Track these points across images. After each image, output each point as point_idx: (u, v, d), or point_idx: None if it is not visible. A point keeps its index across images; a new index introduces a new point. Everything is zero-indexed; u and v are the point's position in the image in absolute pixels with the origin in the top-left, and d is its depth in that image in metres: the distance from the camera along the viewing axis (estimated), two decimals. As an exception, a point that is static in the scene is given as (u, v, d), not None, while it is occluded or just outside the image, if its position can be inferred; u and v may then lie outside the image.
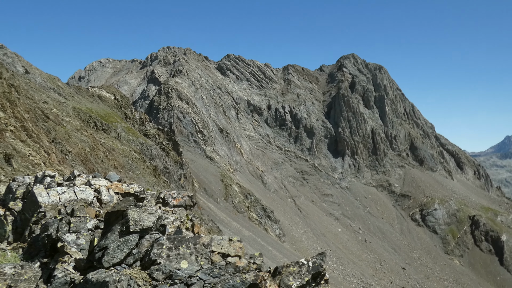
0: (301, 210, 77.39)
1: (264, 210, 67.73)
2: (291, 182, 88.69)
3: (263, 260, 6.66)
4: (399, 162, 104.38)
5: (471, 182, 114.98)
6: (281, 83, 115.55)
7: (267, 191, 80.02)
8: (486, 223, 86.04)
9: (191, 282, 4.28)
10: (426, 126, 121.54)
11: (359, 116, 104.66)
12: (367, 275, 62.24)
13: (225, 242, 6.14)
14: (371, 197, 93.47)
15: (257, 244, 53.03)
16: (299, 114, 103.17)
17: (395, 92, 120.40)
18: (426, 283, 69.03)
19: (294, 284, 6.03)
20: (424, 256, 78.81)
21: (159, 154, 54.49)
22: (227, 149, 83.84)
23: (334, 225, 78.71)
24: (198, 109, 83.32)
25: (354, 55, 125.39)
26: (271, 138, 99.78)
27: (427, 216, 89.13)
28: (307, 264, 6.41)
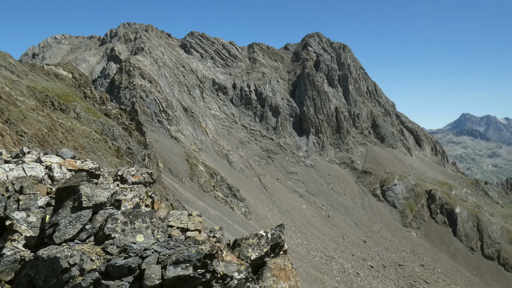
0: (267, 188, 78.42)
1: (230, 189, 68.04)
2: (256, 161, 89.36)
3: (223, 233, 6.71)
4: (362, 140, 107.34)
5: (429, 158, 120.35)
6: (246, 61, 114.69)
7: (233, 170, 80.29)
8: (442, 197, 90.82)
9: (146, 254, 4.28)
10: (388, 104, 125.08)
11: (323, 95, 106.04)
12: (330, 249, 64.46)
13: (184, 217, 6.13)
14: (334, 174, 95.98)
15: (223, 222, 53.45)
16: (265, 93, 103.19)
17: (358, 71, 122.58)
18: (385, 254, 72.50)
19: (253, 255, 6.15)
20: (384, 229, 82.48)
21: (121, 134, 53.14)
22: (192, 129, 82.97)
23: (299, 202, 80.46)
24: (161, 88, 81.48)
25: (319, 34, 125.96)
26: (236, 117, 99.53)
27: (387, 191, 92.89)
28: (266, 236, 6.55)
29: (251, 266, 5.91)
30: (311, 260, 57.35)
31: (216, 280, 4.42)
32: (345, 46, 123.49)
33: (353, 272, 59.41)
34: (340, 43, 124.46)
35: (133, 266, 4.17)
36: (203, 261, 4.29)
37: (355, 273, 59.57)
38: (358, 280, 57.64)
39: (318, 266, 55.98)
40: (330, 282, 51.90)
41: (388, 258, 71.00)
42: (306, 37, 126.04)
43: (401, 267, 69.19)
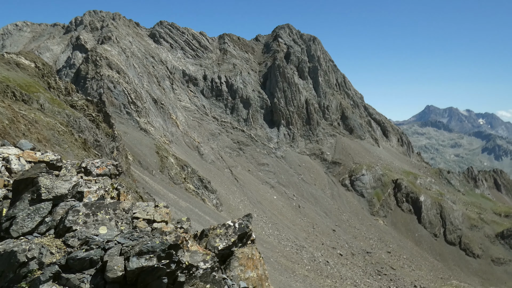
0: (238, 180, 78.53)
1: (201, 181, 67.68)
2: (227, 153, 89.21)
3: (190, 224, 6.66)
4: (331, 131, 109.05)
5: (395, 149, 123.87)
6: (217, 52, 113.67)
7: (204, 162, 79.85)
8: (407, 186, 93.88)
9: (109, 246, 4.19)
10: (356, 96, 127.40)
11: (294, 86, 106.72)
12: (300, 238, 65.49)
13: (150, 209, 6.05)
14: (304, 165, 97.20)
15: (195, 215, 53.20)
16: (235, 84, 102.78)
17: (328, 63, 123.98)
18: (354, 242, 74.42)
19: (220, 245, 6.15)
20: (352, 218, 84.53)
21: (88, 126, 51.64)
22: (162, 121, 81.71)
23: (270, 193, 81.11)
24: (130, 78, 79.60)
25: (290, 26, 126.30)
26: (207, 109, 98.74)
27: (356, 181, 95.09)
28: (233, 226, 6.55)
29: (219, 256, 5.91)
30: (282, 249, 58.11)
31: (181, 271, 4.38)
32: (315, 38, 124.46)
33: (323, 261, 60.67)
34: (310, 35, 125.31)
35: (95, 259, 4.07)
36: (167, 252, 4.24)
37: (325, 261, 60.86)
38: (328, 268, 58.95)
39: (289, 256, 56.82)
40: (301, 270, 52.82)
41: (356, 246, 72.91)
42: (277, 28, 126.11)
43: (369, 254, 71.24)
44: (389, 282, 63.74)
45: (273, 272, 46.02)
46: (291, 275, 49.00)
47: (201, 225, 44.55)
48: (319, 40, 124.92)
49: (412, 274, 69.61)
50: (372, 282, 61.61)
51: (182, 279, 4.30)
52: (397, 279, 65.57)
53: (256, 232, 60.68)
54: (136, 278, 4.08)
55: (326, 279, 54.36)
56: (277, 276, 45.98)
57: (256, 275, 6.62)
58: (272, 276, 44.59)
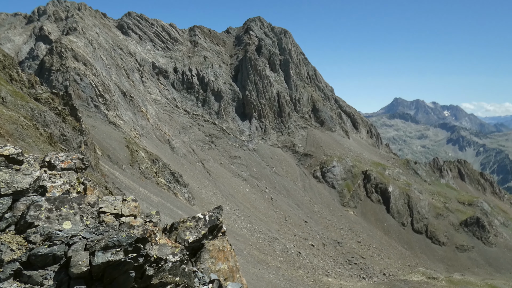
0: (210, 173, 78.20)
1: (172, 174, 66.95)
2: (199, 146, 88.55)
3: (160, 218, 6.57)
4: (302, 123, 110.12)
5: (365, 141, 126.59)
6: (188, 45, 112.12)
7: (176, 156, 78.97)
8: (376, 177, 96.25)
9: (73, 241, 4.05)
10: (327, 89, 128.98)
11: (265, 79, 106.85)
12: (273, 230, 66.09)
13: (118, 203, 5.91)
14: (276, 157, 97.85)
15: (167, 209, 52.66)
16: (207, 77, 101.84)
17: (299, 56, 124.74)
18: (325, 233, 75.81)
19: (190, 238, 6.09)
20: (324, 209, 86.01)
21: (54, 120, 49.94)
22: (132, 114, 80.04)
23: (242, 185, 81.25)
24: (97, 71, 77.36)
25: (261, 18, 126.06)
26: (178, 102, 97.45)
27: (327, 173, 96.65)
28: (203, 218, 6.50)
29: (189, 249, 5.85)
30: (255, 242, 58.48)
31: (149, 264, 4.31)
32: (286, 31, 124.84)
33: (295, 252, 61.51)
34: (281, 28, 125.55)
35: (59, 254, 3.93)
36: (134, 246, 4.15)
37: (297, 252, 61.72)
38: (300, 259, 59.84)
39: (262, 248, 57.25)
40: (274, 262, 53.36)
41: (327, 237, 74.29)
42: (248, 21, 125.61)
43: (340, 244, 72.78)
44: (359, 271, 65.41)
45: (246, 265, 46.28)
46: (264, 267, 49.43)
47: (173, 220, 44.08)
48: (290, 33, 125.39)
49: (381, 263, 71.68)
50: (343, 271, 63.05)
51: (151, 273, 4.23)
52: (367, 267, 67.37)
53: (229, 225, 60.75)
54: (102, 273, 3.98)
55: (299, 269, 55.18)
56: (250, 268, 46.28)
57: (227, 267, 6.61)
58: (245, 268, 44.87)
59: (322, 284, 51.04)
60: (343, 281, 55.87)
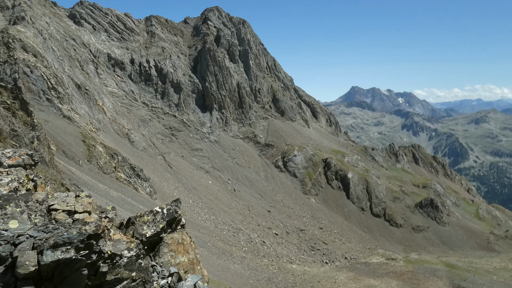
0: (172, 166, 77.12)
1: (133, 169, 65.41)
2: (160, 139, 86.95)
3: (116, 213, 6.41)
4: (263, 114, 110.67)
5: (324, 129, 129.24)
6: (144, 35, 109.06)
7: (135, 150, 77.14)
8: (336, 164, 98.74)
9: (19, 240, 3.87)
10: (286, 79, 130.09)
11: (225, 70, 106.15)
12: (237, 221, 66.39)
13: (71, 199, 5.69)
14: (238, 148, 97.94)
15: (128, 204, 51.47)
16: (165, 68, 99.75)
17: (258, 46, 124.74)
18: (288, 221, 77.12)
19: (148, 232, 5.99)
20: (286, 198, 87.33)
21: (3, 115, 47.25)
22: (88, 107, 77.14)
23: (205, 178, 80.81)
24: (49, 63, 73.72)
25: (219, 8, 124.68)
26: (136, 94, 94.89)
27: (288, 162, 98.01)
28: (161, 212, 6.41)
29: (147, 243, 5.76)
30: (219, 233, 58.51)
31: (103, 261, 4.20)
32: (245, 21, 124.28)
33: (259, 241, 62.17)
34: (239, 18, 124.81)
35: (4, 255, 3.74)
36: (86, 242, 4.02)
37: (261, 242, 62.41)
38: (264, 248, 60.58)
39: (226, 239, 57.39)
40: (238, 253, 53.68)
41: (291, 225, 75.61)
42: (206, 11, 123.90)
43: (303, 231, 74.31)
44: (322, 256, 67.17)
45: (210, 256, 46.27)
46: (229, 258, 49.63)
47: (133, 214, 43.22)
48: (248, 23, 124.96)
49: (343, 247, 73.94)
50: (307, 258, 64.51)
51: (105, 269, 4.12)
52: (329, 252, 69.30)
53: (192, 217, 60.39)
54: (52, 272, 3.83)
55: (263, 258, 55.87)
56: (215, 260, 46.32)
57: (187, 259, 6.57)
58: (210, 260, 44.87)
59: (286, 271, 51.99)
60: (306, 267, 57.17)
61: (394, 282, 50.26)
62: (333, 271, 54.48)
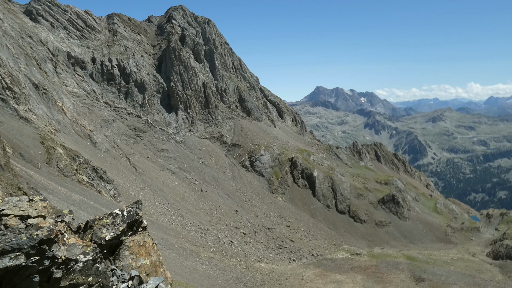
0: (136, 168, 75.52)
1: (95, 171, 63.51)
2: (124, 140, 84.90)
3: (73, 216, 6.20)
4: (229, 114, 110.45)
5: (290, 129, 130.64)
6: (106, 33, 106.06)
7: (98, 151, 74.95)
8: (302, 163, 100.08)
9: (-36, 250, 3.64)
10: (252, 79, 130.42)
11: (190, 70, 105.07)
12: (204, 222, 65.92)
13: (23, 204, 5.44)
14: (205, 149, 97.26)
15: (90, 208, 49.93)
16: (128, 68, 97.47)
17: (224, 46, 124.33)
18: (256, 220, 77.41)
19: (107, 235, 5.83)
20: (254, 198, 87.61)
21: (-48, 117, 44.74)
22: (46, 108, 74.14)
23: (171, 179, 79.68)
24: (3, 61, 70.19)
25: (183, 7, 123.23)
26: (98, 94, 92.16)
27: (255, 161, 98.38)
28: (121, 214, 6.26)
29: (106, 247, 5.59)
30: (187, 235, 57.88)
31: (57, 266, 4.03)
32: (210, 20, 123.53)
33: (227, 241, 62.02)
34: (204, 17, 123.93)
35: None
36: (38, 248, 3.85)
37: (229, 241, 62.28)
38: (232, 248, 60.49)
39: (194, 240, 56.86)
40: (206, 253, 53.31)
41: (258, 224, 75.93)
42: (170, 10, 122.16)
43: (270, 230, 74.81)
44: (289, 254, 67.89)
45: (178, 258, 45.71)
46: (197, 259, 49.20)
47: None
48: (213, 23, 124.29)
49: (309, 244, 75.05)
50: (274, 256, 65.01)
51: (58, 275, 3.96)
52: (296, 250, 70.14)
53: (159, 219, 59.43)
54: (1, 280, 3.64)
55: (231, 258, 55.78)
56: (183, 261, 45.80)
57: (149, 262, 6.44)
58: (177, 262, 44.33)
59: (254, 270, 52.16)
60: (274, 265, 57.60)
61: (359, 276, 51.55)
62: (301, 268, 55.19)
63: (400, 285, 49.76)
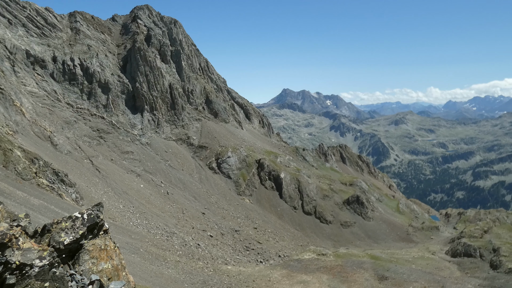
0: (100, 170, 73.42)
1: (56, 174, 61.17)
2: (86, 142, 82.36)
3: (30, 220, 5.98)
4: (196, 115, 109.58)
5: (257, 131, 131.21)
6: (68, 32, 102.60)
7: (59, 154, 72.29)
8: (269, 165, 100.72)
9: None
10: (219, 80, 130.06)
11: (156, 71, 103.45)
12: (170, 225, 64.96)
13: (-24, 208, 5.22)
14: (171, 151, 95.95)
15: (51, 212, 48.04)
16: (92, 67, 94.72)
17: (190, 47, 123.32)
18: (223, 223, 77.09)
19: (66, 239, 5.66)
20: (221, 200, 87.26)
21: None
22: (3, 108, 70.80)
23: (136, 181, 78.04)
24: (-46, 59, 66.61)
25: (149, 7, 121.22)
26: (59, 94, 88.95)
27: (222, 163, 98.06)
28: (81, 217, 6.10)
29: (65, 251, 5.43)
30: (152, 238, 56.83)
31: (10, 272, 3.88)
32: (176, 21, 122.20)
33: (194, 244, 61.39)
34: (171, 17, 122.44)
35: None
36: (-10, 253, 3.70)
37: (196, 244, 61.68)
38: (199, 251, 59.95)
39: (160, 244, 55.89)
40: (172, 257, 52.54)
41: (225, 226, 75.65)
42: (135, 9, 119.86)
43: (237, 232, 74.71)
44: (256, 256, 68.04)
45: (143, 262, 44.78)
46: (163, 263, 48.40)
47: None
48: (180, 23, 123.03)
49: (276, 246, 75.53)
50: (241, 258, 64.95)
51: (12, 281, 3.81)
52: (263, 252, 70.40)
53: (123, 223, 58.04)
54: (-51, 288, 3.47)
55: (198, 261, 55.25)
56: (148, 265, 44.90)
57: (111, 266, 6.30)
58: (142, 266, 43.42)
59: (221, 273, 51.90)
60: (241, 267, 57.55)
61: (324, 276, 52.39)
62: (268, 270, 55.44)
63: (364, 284, 50.97)
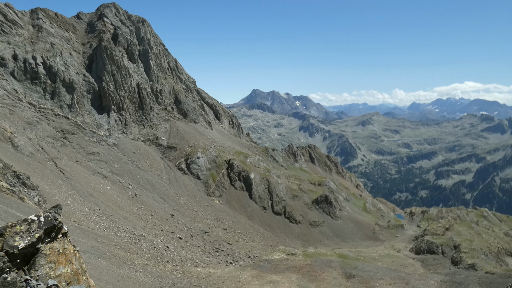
0: (64, 172, 71.09)
1: (17, 177, 58.67)
2: (50, 143, 79.55)
3: (-17, 226, 5.74)
4: (165, 116, 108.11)
5: (227, 131, 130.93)
6: (30, 29, 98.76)
7: (20, 155, 69.46)
8: (239, 165, 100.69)
9: None
10: (189, 81, 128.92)
11: (123, 70, 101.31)
12: (138, 227, 63.76)
13: None
14: (139, 151, 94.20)
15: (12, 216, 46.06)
16: (55, 66, 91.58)
17: (159, 46, 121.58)
18: (192, 224, 76.42)
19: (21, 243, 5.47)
20: (190, 201, 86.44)
21: None
22: (-42, 108, 67.40)
23: (103, 183, 76.08)
24: None
25: (116, 5, 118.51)
26: (20, 94, 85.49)
27: (192, 164, 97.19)
28: (38, 220, 5.90)
29: (20, 256, 5.24)
30: (119, 242, 55.56)
31: (-42, 279, 3.72)
32: (144, 20, 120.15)
33: (162, 247, 60.51)
34: (138, 16, 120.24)
35: None
36: None
37: (164, 247, 60.82)
38: (168, 253, 59.16)
39: (127, 247, 54.73)
40: (140, 260, 51.56)
41: (195, 228, 75.02)
42: (102, 7, 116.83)
43: (207, 233, 74.25)
44: (226, 257, 67.85)
45: (110, 267, 43.69)
46: (130, 266, 47.40)
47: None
48: (148, 22, 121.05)
49: (246, 246, 75.60)
50: (211, 259, 64.61)
51: (-41, 288, 3.65)
52: (233, 253, 70.29)
53: (89, 226, 56.43)
54: None
55: (167, 264, 54.49)
56: (115, 269, 43.85)
57: (70, 270, 6.13)
58: (109, 271, 42.37)
59: (191, 275, 51.41)
60: (211, 269, 57.22)
61: (294, 276, 52.93)
62: (237, 271, 55.40)
63: (332, 282, 51.87)
